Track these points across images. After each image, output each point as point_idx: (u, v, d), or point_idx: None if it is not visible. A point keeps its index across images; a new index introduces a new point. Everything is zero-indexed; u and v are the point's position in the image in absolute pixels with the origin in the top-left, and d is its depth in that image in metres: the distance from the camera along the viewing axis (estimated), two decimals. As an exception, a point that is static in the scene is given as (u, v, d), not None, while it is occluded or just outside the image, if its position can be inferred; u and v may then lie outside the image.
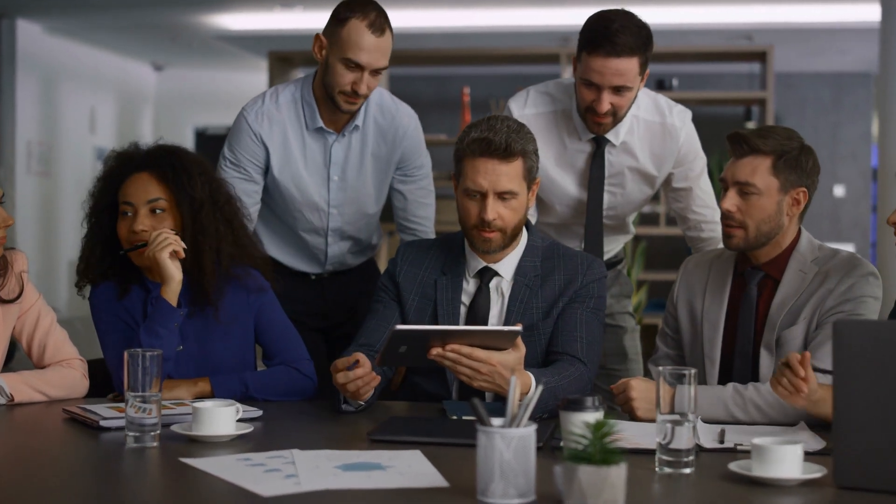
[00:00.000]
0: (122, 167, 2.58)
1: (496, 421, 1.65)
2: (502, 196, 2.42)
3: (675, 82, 6.71)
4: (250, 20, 9.38)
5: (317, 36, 2.89)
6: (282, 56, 7.08)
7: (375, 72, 2.85)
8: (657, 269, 6.66)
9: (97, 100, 11.53)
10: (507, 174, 2.41)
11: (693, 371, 1.86)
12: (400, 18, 2.86)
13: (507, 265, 2.55)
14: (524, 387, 2.24)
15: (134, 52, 11.60)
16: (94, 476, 1.91)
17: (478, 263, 2.56)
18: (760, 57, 6.62)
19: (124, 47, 11.26)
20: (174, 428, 2.12)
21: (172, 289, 2.48)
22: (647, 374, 2.65)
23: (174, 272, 2.47)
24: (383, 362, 2.26)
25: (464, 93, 7.24)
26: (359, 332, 2.61)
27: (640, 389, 2.31)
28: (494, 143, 2.40)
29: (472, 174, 2.43)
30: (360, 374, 2.26)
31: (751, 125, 9.48)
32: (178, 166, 2.55)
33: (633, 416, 2.32)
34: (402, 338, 2.21)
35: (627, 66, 2.73)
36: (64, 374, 2.54)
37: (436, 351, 2.21)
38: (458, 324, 2.53)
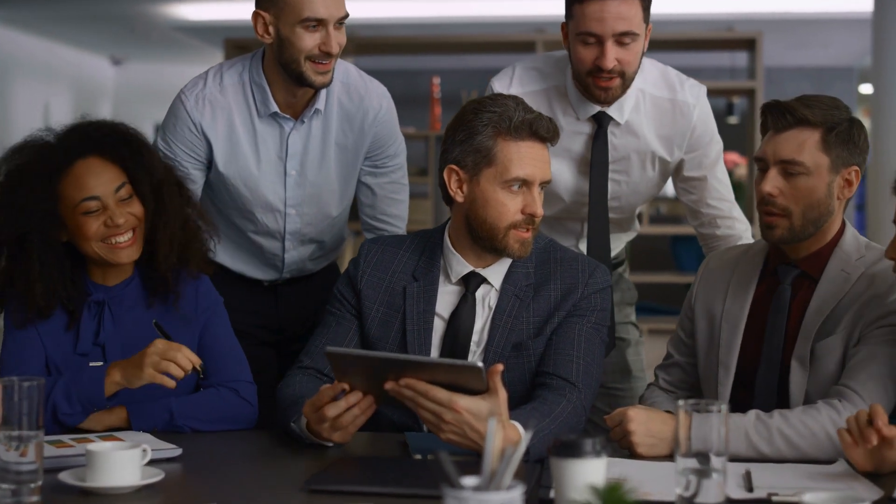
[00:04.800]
0: (54, 159, 2.16)
1: (469, 480, 1.23)
2: (542, 186, 2.14)
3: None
4: (209, 10, 9.04)
5: (255, 14, 2.46)
6: (238, 44, 6.68)
7: (339, 24, 2.44)
8: (640, 269, 6.26)
9: (52, 94, 11.24)
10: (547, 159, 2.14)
11: (723, 406, 1.45)
12: (368, 9, 2.45)
13: (496, 271, 2.15)
14: (510, 442, 1.81)
15: (90, 44, 11.38)
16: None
17: (463, 268, 2.15)
18: (748, 45, 6.25)
19: (80, 39, 11.01)
20: (63, 476, 1.70)
21: (118, 382, 2.06)
22: (655, 380, 2.26)
23: (148, 379, 2.05)
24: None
25: (433, 83, 6.86)
26: (305, 349, 2.21)
27: (639, 421, 1.93)
28: (542, 125, 2.09)
29: (519, 161, 2.07)
30: (353, 400, 1.83)
31: (733, 120, 9.17)
32: (132, 143, 2.20)
33: (632, 453, 1.92)
34: (343, 363, 1.79)
35: (629, 10, 2.37)
36: None
37: (389, 385, 1.79)
38: (430, 342, 2.12)
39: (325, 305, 2.68)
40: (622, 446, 1.95)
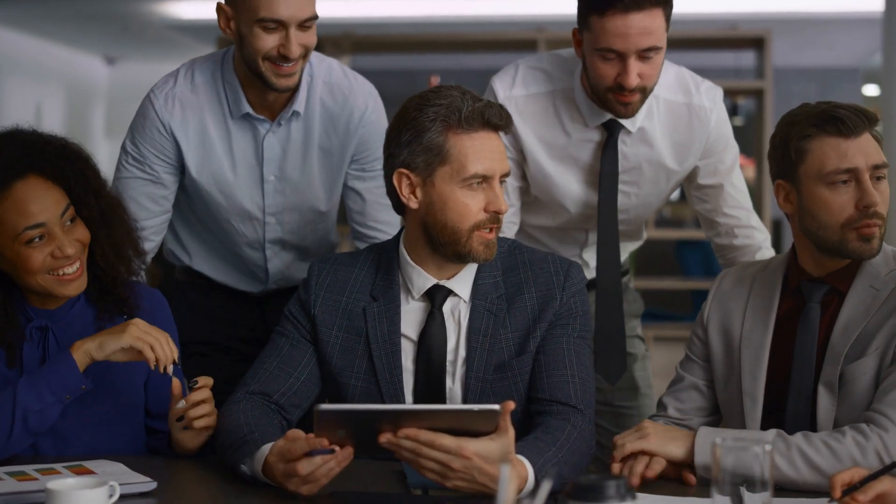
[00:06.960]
0: None
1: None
2: (503, 179, 1.97)
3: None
4: (203, 9, 8.91)
5: (218, 6, 2.29)
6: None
7: (304, 26, 2.24)
8: (645, 275, 6.09)
9: (44, 94, 11.14)
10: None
11: (768, 447, 1.28)
12: (365, 7, 2.27)
13: (462, 281, 1.97)
14: (519, 478, 1.64)
15: (84, 43, 11.28)
16: None
17: (425, 282, 1.97)
18: (756, 44, 6.08)
19: (73, 38, 10.93)
20: (20, 517, 1.52)
21: (88, 350, 1.86)
22: (663, 410, 2.08)
23: (126, 344, 1.87)
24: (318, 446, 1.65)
25: (431, 83, 6.71)
26: (251, 369, 2.01)
27: (655, 429, 1.86)
28: (494, 113, 1.91)
29: (475, 155, 1.89)
30: (336, 458, 1.65)
31: (737, 121, 9.02)
32: (75, 160, 1.97)
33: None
34: (332, 419, 1.61)
35: (653, 22, 2.17)
36: None
37: (385, 438, 1.60)
38: (400, 365, 1.95)
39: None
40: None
